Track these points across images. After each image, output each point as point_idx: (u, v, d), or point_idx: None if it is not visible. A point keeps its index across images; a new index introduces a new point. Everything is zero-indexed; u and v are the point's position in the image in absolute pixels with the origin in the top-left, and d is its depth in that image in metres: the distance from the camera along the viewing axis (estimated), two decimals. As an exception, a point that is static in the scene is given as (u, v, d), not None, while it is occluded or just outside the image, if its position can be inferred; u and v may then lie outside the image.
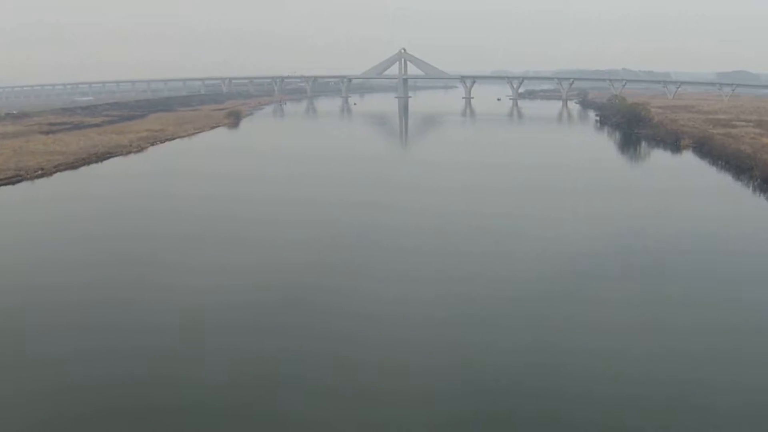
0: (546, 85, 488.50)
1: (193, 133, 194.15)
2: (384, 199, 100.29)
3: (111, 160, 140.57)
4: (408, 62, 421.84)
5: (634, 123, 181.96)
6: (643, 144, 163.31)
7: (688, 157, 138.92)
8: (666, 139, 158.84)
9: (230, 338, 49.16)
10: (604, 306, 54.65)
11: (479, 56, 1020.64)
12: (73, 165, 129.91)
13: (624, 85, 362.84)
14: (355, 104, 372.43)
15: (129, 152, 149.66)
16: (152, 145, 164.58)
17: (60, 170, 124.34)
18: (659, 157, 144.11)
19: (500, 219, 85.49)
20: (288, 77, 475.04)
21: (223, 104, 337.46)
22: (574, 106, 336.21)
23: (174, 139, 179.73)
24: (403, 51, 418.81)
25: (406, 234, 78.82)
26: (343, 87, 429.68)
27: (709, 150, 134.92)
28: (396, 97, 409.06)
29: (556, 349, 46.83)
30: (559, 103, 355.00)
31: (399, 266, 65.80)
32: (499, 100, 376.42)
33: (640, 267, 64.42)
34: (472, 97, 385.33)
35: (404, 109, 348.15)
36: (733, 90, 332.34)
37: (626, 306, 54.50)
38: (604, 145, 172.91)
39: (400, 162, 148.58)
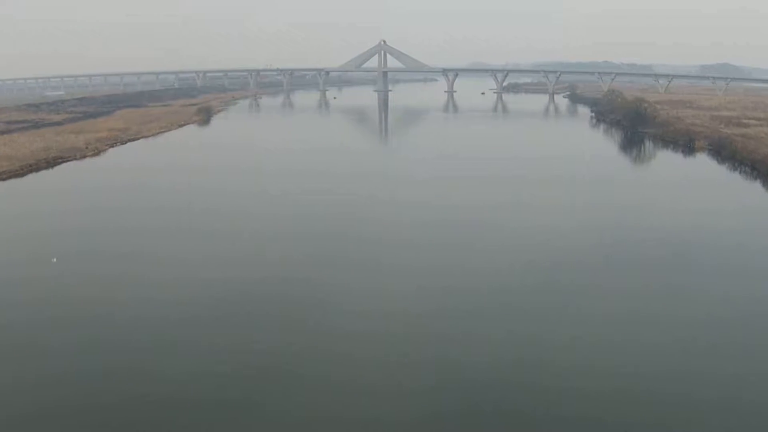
0: (527, 78, 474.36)
1: (159, 132, 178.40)
2: (366, 211, 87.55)
3: (63, 165, 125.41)
4: (388, 55, 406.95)
5: (637, 121, 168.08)
6: (651, 145, 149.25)
7: (706, 160, 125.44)
8: (677, 140, 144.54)
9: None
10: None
11: (457, 48, 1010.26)
12: (19, 172, 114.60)
13: (613, 79, 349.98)
14: (335, 98, 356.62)
15: (84, 156, 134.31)
16: (111, 146, 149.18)
17: (2, 179, 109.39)
18: (674, 161, 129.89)
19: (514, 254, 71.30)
20: (264, 70, 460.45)
21: (196, 99, 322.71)
22: (562, 101, 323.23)
23: (137, 138, 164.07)
24: (383, 43, 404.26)
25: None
26: (320, 80, 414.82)
27: (731, 153, 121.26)
28: (375, 91, 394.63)
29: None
30: (546, 97, 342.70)
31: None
32: (483, 93, 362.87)
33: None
34: (455, 91, 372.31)
35: (384, 104, 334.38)
36: (728, 84, 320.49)
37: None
38: (608, 146, 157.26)
39: (382, 172, 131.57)
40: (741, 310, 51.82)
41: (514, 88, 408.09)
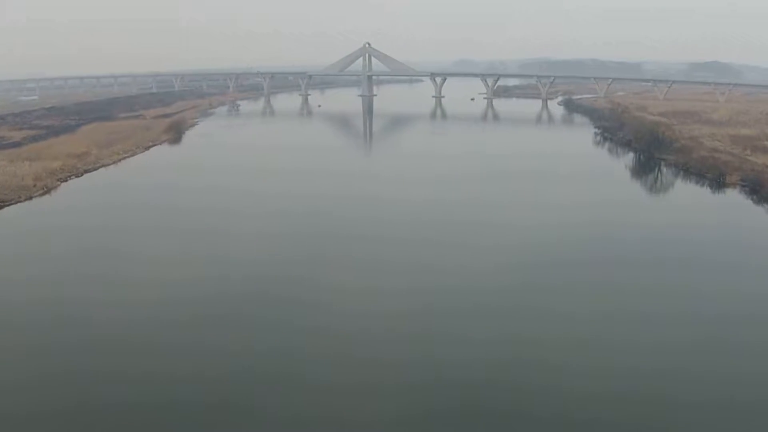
0: (516, 81, 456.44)
1: (122, 158, 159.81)
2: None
3: (5, 210, 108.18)
4: (373, 58, 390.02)
5: (653, 145, 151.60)
6: (672, 177, 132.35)
7: (745, 203, 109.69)
8: (702, 172, 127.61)
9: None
10: None
11: (443, 45, 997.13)
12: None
13: (610, 83, 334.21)
14: (319, 106, 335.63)
15: (31, 196, 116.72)
16: (66, 180, 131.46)
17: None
18: (702, 199, 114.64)
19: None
20: (244, 73, 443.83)
21: (171, 107, 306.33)
22: (556, 108, 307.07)
23: (96, 168, 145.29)
24: (367, 45, 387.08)
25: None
26: (303, 84, 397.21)
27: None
28: (359, 96, 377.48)
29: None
30: (538, 103, 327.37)
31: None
32: (472, 99, 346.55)
33: None
34: (443, 96, 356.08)
35: (369, 111, 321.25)
36: (731, 90, 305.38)
37: None
38: (623, 178, 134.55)
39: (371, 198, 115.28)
40: None
41: (505, 93, 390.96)
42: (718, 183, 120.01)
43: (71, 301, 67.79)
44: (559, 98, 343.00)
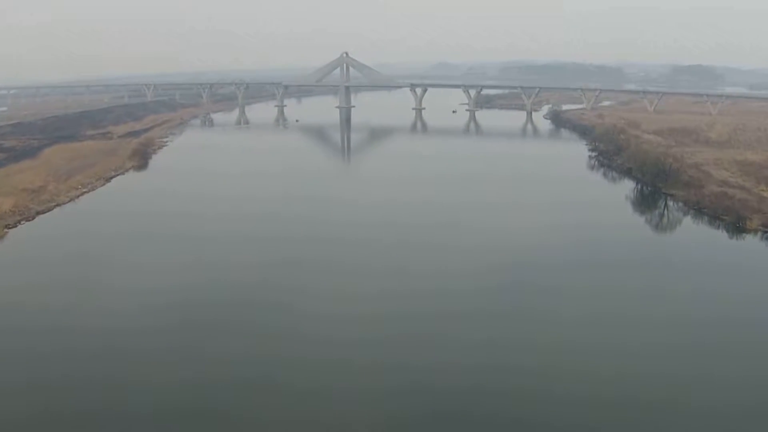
0: (494, 91, 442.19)
1: (81, 193, 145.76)
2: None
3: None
4: (350, 67, 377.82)
5: (659, 178, 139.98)
6: (681, 215, 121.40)
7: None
8: (718, 214, 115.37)
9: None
10: None
11: (419, 47, 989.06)
12: None
13: (598, 95, 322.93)
14: (297, 121, 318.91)
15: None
16: (15, 226, 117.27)
17: None
18: (723, 251, 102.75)
19: None
20: (217, 82, 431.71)
21: (142, 120, 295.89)
22: (542, 122, 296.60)
23: (51, 207, 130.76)
24: (345, 55, 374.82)
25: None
26: (278, 94, 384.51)
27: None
28: (337, 107, 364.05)
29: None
30: (522, 114, 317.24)
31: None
32: (454, 112, 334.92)
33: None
34: (423, 108, 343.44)
35: (347, 124, 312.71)
36: (723, 101, 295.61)
37: None
38: (628, 222, 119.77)
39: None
40: None
41: (488, 103, 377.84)
42: (737, 227, 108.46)
43: None
44: (545, 110, 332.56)
